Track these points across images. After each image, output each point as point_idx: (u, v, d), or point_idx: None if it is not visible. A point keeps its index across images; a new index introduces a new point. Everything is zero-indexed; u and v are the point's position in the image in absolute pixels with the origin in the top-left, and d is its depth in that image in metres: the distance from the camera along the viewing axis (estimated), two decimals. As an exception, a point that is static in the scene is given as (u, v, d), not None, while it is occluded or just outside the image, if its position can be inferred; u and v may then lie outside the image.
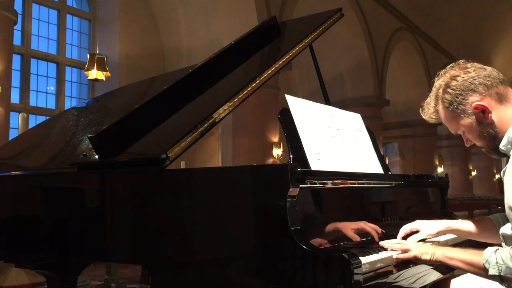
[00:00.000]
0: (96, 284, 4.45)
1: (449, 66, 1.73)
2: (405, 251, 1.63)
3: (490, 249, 1.54)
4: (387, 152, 18.30)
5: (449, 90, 1.66)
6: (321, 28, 2.57)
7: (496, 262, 1.50)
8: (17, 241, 2.39)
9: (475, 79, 1.63)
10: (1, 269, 4.69)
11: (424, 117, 1.79)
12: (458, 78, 1.66)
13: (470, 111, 1.64)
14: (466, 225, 1.94)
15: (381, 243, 1.70)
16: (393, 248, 1.66)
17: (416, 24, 16.43)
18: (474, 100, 1.62)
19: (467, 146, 1.78)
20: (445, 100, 1.67)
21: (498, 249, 1.53)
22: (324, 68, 3.05)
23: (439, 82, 1.72)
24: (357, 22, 12.99)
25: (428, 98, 1.76)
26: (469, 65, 1.69)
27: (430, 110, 1.75)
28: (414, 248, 1.64)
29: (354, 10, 12.74)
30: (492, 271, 1.50)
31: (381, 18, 14.16)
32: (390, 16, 14.90)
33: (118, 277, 4.31)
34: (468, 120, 1.65)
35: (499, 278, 1.50)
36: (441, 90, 1.70)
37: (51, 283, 2.45)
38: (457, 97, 1.64)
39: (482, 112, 1.63)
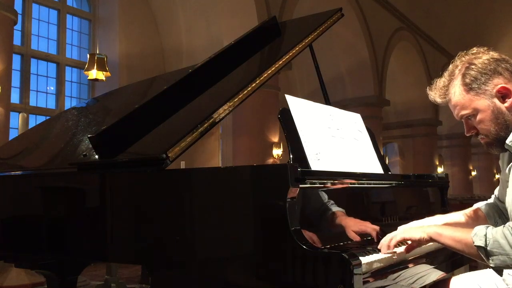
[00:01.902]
0: (96, 284, 4.45)
1: (470, 50, 1.69)
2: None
3: (481, 226, 1.50)
4: (387, 152, 18.29)
5: (474, 67, 1.62)
6: (321, 28, 2.57)
7: (485, 235, 1.45)
8: (17, 241, 2.39)
9: (502, 63, 1.61)
10: (1, 269, 4.69)
11: (430, 96, 1.73)
12: (484, 58, 1.63)
13: (492, 93, 1.60)
14: (454, 218, 1.91)
15: (378, 247, 1.66)
16: (389, 244, 1.61)
17: (416, 24, 16.41)
18: (499, 82, 1.59)
19: (467, 135, 1.72)
20: (468, 76, 1.62)
21: (489, 226, 1.49)
22: (324, 68, 3.04)
23: (459, 61, 1.67)
24: (357, 22, 12.97)
25: (441, 78, 1.71)
26: (492, 51, 1.66)
27: (440, 88, 1.69)
28: (404, 233, 1.62)
29: (354, 10, 12.73)
30: (478, 242, 1.44)
31: (381, 18, 14.14)
32: (390, 16, 14.88)
33: (118, 277, 4.31)
34: (486, 102, 1.61)
35: (484, 251, 1.44)
36: (463, 67, 1.64)
37: (51, 283, 2.44)
38: (481, 76, 1.60)
39: (503, 97, 1.60)
